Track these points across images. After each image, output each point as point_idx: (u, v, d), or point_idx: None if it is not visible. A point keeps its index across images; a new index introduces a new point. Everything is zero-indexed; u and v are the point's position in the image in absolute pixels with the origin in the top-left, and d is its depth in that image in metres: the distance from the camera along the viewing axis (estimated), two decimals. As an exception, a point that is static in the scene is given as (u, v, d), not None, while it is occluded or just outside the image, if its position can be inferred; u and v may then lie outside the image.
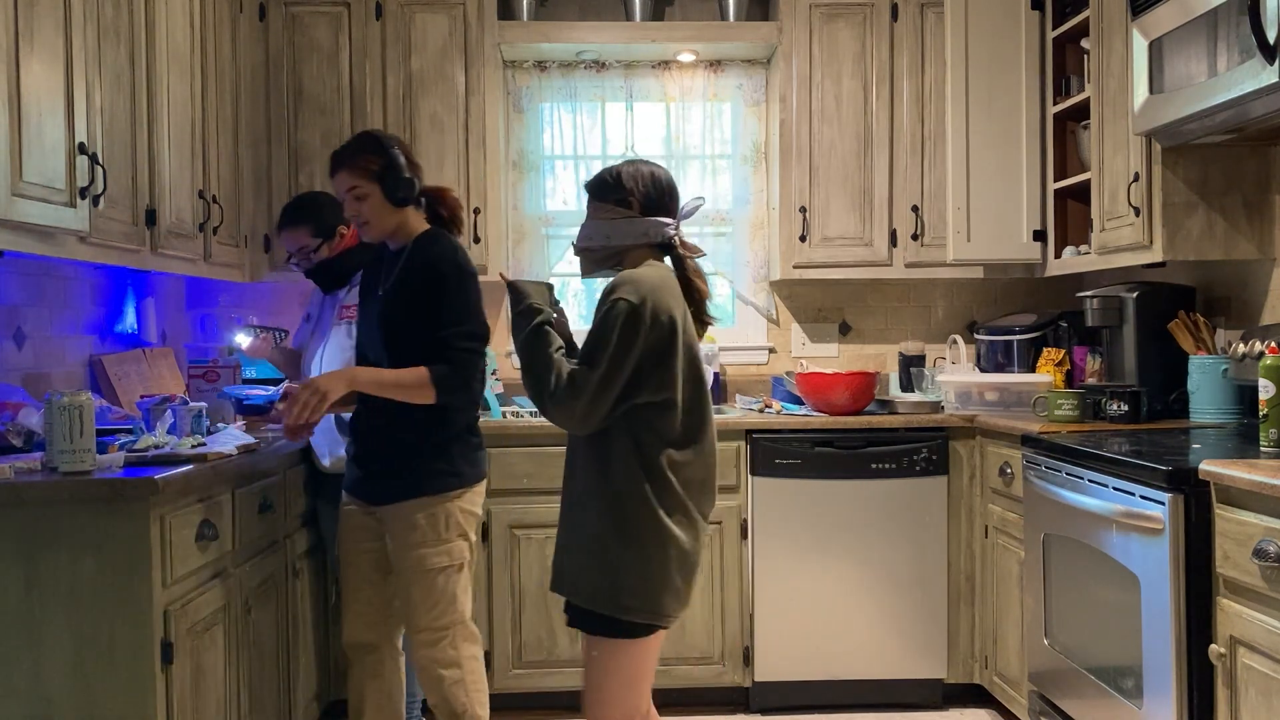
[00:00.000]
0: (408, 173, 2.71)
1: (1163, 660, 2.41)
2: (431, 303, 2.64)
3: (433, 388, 2.60)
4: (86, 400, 2.19)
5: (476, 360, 2.67)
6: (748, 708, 3.80)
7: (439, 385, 2.60)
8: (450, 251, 2.71)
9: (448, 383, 2.61)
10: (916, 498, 3.74)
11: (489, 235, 3.98)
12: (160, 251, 2.98)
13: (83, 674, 2.12)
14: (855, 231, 4.09)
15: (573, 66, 4.32)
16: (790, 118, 4.08)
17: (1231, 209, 3.21)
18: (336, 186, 2.74)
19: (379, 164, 2.68)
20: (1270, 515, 2.08)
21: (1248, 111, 2.68)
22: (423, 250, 2.71)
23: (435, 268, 2.66)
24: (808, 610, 3.73)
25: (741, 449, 3.74)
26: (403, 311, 2.67)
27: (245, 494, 2.66)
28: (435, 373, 2.60)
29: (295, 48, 3.93)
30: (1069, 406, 3.31)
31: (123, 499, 2.12)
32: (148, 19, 2.91)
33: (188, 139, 3.19)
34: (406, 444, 2.67)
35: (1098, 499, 2.68)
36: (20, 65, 2.21)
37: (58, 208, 2.36)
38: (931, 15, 4.04)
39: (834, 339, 4.46)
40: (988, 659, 3.66)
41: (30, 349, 2.98)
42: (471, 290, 2.69)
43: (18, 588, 2.11)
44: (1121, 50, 3.29)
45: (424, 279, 2.66)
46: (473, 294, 2.69)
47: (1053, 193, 3.88)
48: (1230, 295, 3.44)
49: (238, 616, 2.60)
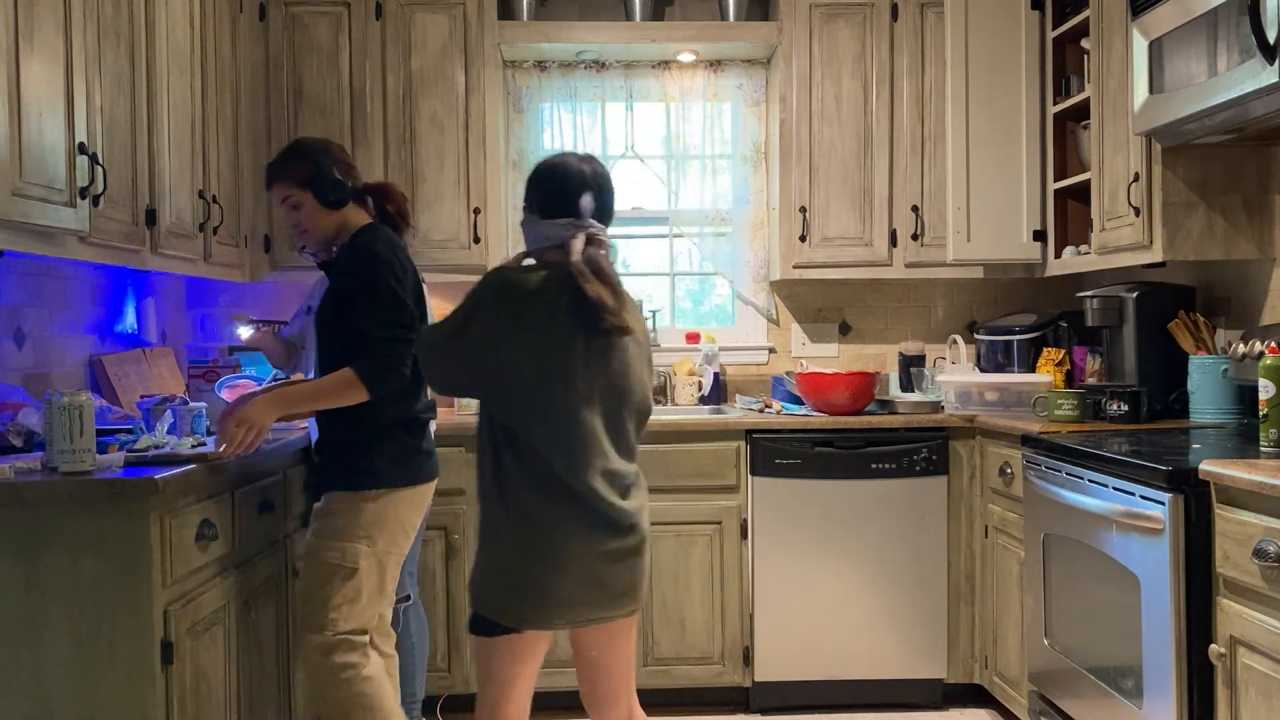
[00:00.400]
0: (338, 174, 2.69)
1: (1163, 660, 2.41)
2: (349, 295, 2.59)
3: (362, 384, 2.53)
4: (86, 400, 2.19)
5: (399, 347, 2.57)
6: (748, 708, 3.80)
7: (367, 380, 2.53)
8: (370, 241, 2.64)
9: (375, 376, 2.54)
10: (916, 498, 3.74)
11: (489, 235, 3.98)
12: (160, 251, 2.97)
13: (83, 674, 2.12)
14: (855, 231, 4.09)
15: (573, 66, 4.32)
16: (790, 118, 4.08)
17: (1231, 209, 3.20)
18: (272, 200, 2.78)
19: (308, 171, 2.68)
20: (1270, 515, 2.08)
21: (1248, 111, 2.68)
22: (348, 246, 2.68)
23: (351, 259, 2.63)
24: (808, 610, 3.73)
25: (741, 449, 3.74)
26: (331, 311, 2.64)
27: (245, 494, 2.66)
28: (359, 369, 2.53)
29: (295, 48, 3.93)
30: (1069, 406, 3.31)
31: (123, 499, 2.12)
32: (148, 19, 2.91)
33: (188, 139, 3.19)
34: (333, 439, 2.65)
35: (1098, 499, 2.68)
36: (20, 65, 2.21)
37: (58, 208, 2.36)
38: (931, 15, 4.04)
39: (834, 339, 4.46)
40: (988, 659, 3.66)
41: (30, 349, 2.98)
42: (386, 275, 2.58)
43: (18, 588, 2.11)
44: (1121, 50, 3.29)
45: (340, 272, 2.64)
46: (389, 279, 2.58)
47: (1053, 193, 3.88)
48: (1230, 295, 3.44)
49: (238, 616, 2.60)
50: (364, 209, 2.77)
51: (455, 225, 3.98)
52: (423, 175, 3.97)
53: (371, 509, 2.59)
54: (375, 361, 2.54)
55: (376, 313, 2.56)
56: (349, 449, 2.61)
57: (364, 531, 2.59)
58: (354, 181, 2.75)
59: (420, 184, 3.96)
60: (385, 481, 2.61)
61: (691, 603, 3.74)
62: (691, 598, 3.74)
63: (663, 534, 3.71)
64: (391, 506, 2.62)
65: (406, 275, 2.64)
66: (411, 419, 2.67)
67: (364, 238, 2.67)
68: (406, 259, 2.69)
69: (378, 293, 2.57)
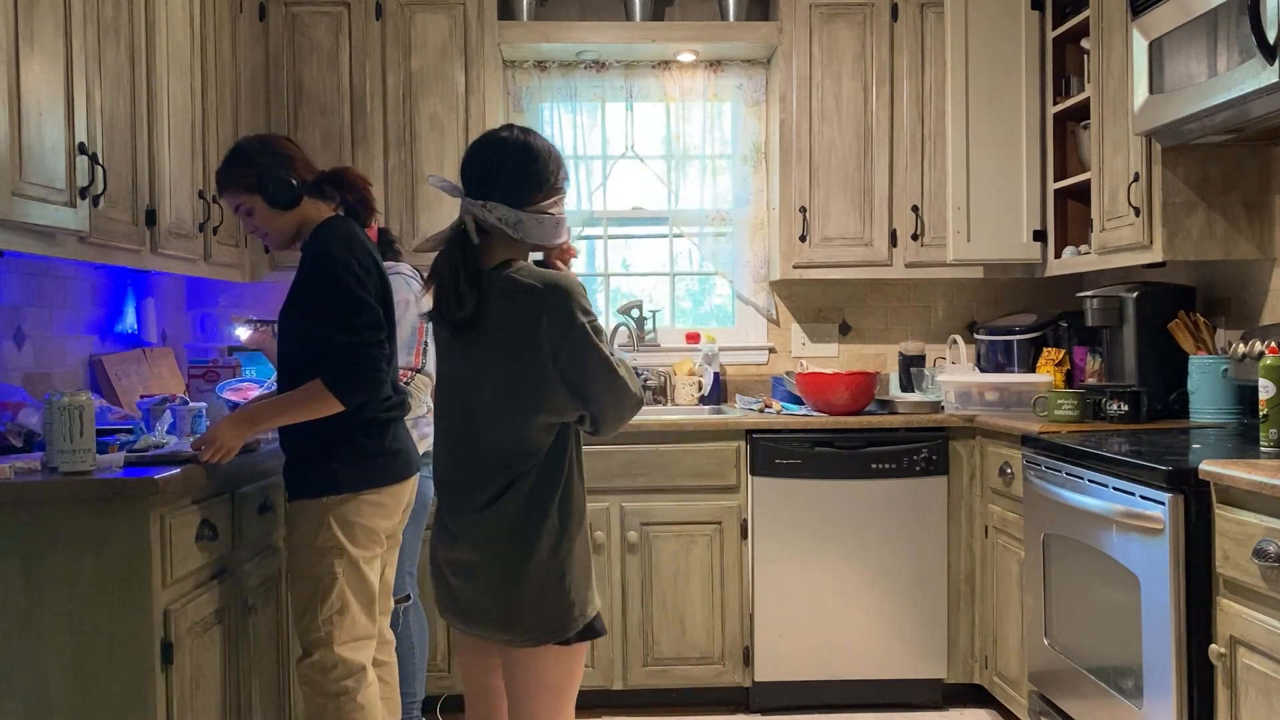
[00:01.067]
0: (284, 173, 2.55)
1: (1163, 660, 2.41)
2: (307, 299, 2.49)
3: (332, 395, 2.42)
4: (86, 400, 2.19)
5: (370, 350, 2.45)
6: (748, 708, 3.79)
7: (337, 391, 2.42)
8: (325, 241, 2.50)
9: (345, 385, 2.43)
10: (916, 498, 3.74)
11: (489, 235, 3.97)
12: (160, 251, 2.97)
13: (83, 674, 2.12)
14: (855, 231, 4.09)
15: (573, 66, 4.32)
16: (790, 118, 4.08)
17: (1231, 209, 3.20)
18: (225, 208, 2.66)
19: (251, 176, 2.56)
20: (1270, 515, 2.08)
21: (1248, 111, 2.68)
22: (304, 247, 2.54)
23: (307, 261, 2.50)
24: (808, 610, 3.73)
25: (741, 449, 3.74)
26: (290, 314, 2.54)
27: (245, 494, 2.66)
28: (327, 379, 2.42)
29: (295, 48, 3.93)
30: (1069, 406, 3.31)
31: (123, 499, 2.12)
32: (148, 19, 2.91)
33: (188, 139, 3.19)
34: (290, 444, 2.56)
35: (1098, 499, 2.67)
36: (20, 65, 2.21)
37: (58, 208, 2.36)
38: (931, 15, 4.04)
39: (834, 339, 4.46)
40: (988, 659, 3.66)
41: (30, 349, 2.98)
42: (344, 276, 2.45)
43: (18, 588, 2.11)
44: (1121, 50, 3.29)
45: (300, 278, 2.51)
46: (347, 280, 2.45)
47: (1053, 193, 3.88)
48: (1230, 295, 3.44)
49: (238, 616, 2.60)
50: (324, 200, 2.62)
51: (455, 225, 3.97)
52: (423, 175, 3.96)
53: (334, 515, 2.49)
54: (344, 370, 2.43)
55: (339, 318, 2.43)
56: (306, 455, 2.52)
57: (332, 540, 2.49)
58: (303, 175, 2.59)
59: (420, 184, 3.96)
60: (344, 487, 2.50)
61: (691, 603, 3.74)
62: (691, 598, 3.74)
63: (663, 534, 3.72)
64: (355, 511, 2.51)
65: (369, 274, 2.51)
66: (369, 420, 2.52)
67: (319, 238, 2.52)
68: (366, 253, 2.54)
69: (338, 296, 2.44)
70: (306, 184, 2.59)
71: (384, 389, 2.54)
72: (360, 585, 2.54)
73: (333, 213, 2.62)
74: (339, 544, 2.49)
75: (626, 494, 3.71)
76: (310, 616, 2.50)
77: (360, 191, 2.65)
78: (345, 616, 2.52)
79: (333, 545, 2.49)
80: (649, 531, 3.72)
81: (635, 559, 3.71)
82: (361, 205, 2.65)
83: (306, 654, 2.53)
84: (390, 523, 2.62)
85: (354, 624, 2.53)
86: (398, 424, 2.63)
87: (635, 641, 3.73)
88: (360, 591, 2.54)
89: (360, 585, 2.54)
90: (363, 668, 2.55)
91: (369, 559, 2.56)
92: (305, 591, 2.52)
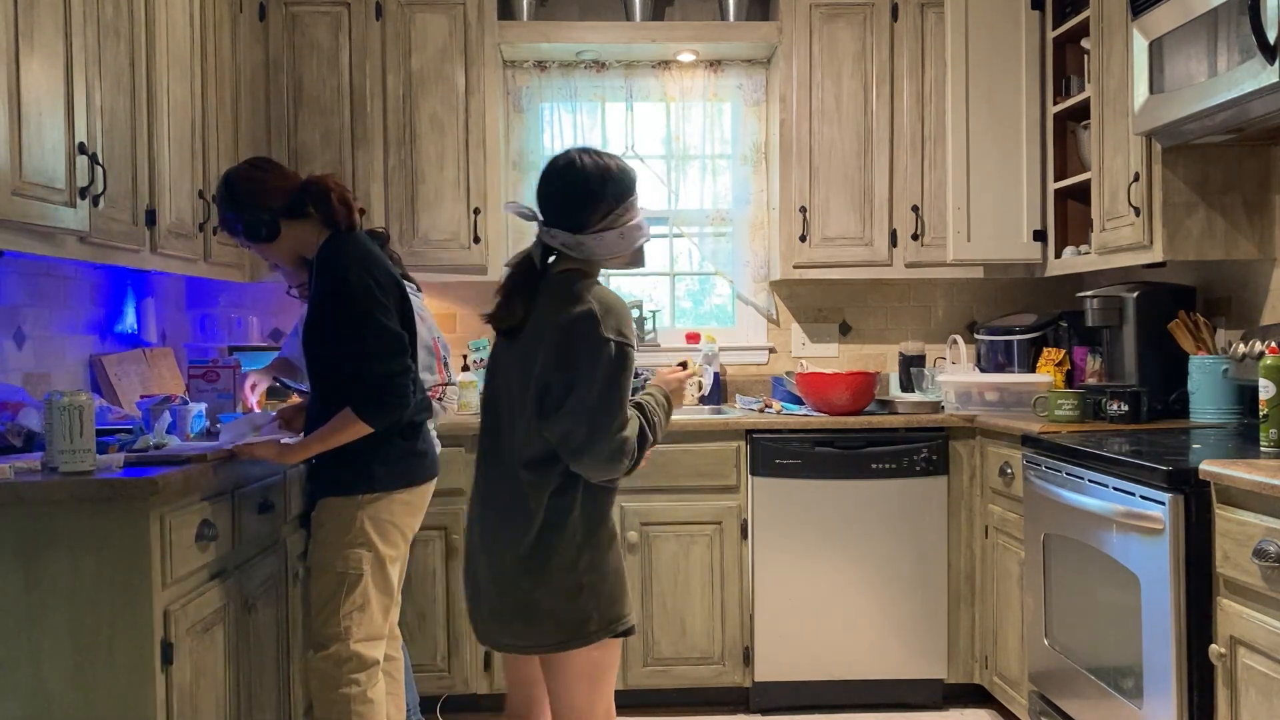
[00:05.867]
0: (257, 207, 2.57)
1: (1163, 660, 2.41)
2: (333, 327, 2.51)
3: (363, 422, 2.48)
4: (86, 400, 2.19)
5: (398, 379, 2.50)
6: (748, 708, 3.79)
7: (368, 418, 2.48)
8: (339, 263, 2.51)
9: (376, 413, 2.49)
10: (916, 498, 3.74)
11: (489, 235, 3.98)
12: (160, 251, 2.97)
13: (83, 674, 2.12)
14: (855, 231, 4.09)
15: (573, 66, 4.32)
16: (790, 117, 4.08)
17: (1231, 209, 3.21)
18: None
19: (228, 223, 2.64)
20: (1270, 515, 2.08)
21: (1248, 111, 2.68)
22: (318, 272, 2.55)
23: (324, 284, 2.52)
24: (808, 610, 3.73)
25: (741, 449, 3.74)
26: (318, 338, 2.56)
27: (245, 494, 2.66)
28: (360, 410, 2.48)
29: (295, 48, 3.93)
30: (1069, 406, 3.31)
31: (123, 499, 2.12)
32: (148, 19, 2.91)
33: (188, 139, 3.19)
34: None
35: (1098, 499, 2.67)
36: (20, 65, 2.21)
37: (58, 207, 2.36)
38: (931, 15, 4.04)
39: (834, 339, 4.46)
40: (988, 659, 3.66)
41: (30, 349, 2.98)
42: (366, 304, 2.48)
43: (18, 588, 2.11)
44: (1121, 50, 3.29)
45: (318, 298, 2.53)
46: (370, 308, 2.48)
47: (1053, 193, 3.88)
48: (1230, 295, 3.44)
49: (237, 617, 2.60)
50: (311, 219, 2.61)
51: (455, 225, 3.98)
52: (423, 175, 3.97)
53: (367, 514, 2.57)
54: (374, 400, 2.49)
55: (367, 348, 2.47)
56: (342, 455, 2.56)
57: (362, 537, 2.57)
58: (274, 202, 2.58)
59: (420, 184, 3.97)
60: (379, 486, 2.57)
61: (691, 603, 3.74)
62: (691, 598, 3.74)
63: (663, 534, 3.72)
64: (387, 510, 2.59)
65: (388, 294, 2.53)
66: (405, 424, 2.60)
67: (332, 259, 2.52)
68: (384, 271, 2.56)
69: (363, 325, 2.48)
70: (281, 210, 2.59)
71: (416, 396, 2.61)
72: (384, 583, 2.62)
73: (322, 232, 2.61)
74: (369, 540, 2.57)
75: (627, 494, 3.70)
76: (331, 610, 2.56)
77: (340, 198, 2.59)
78: (365, 613, 2.58)
79: (363, 542, 2.57)
80: (649, 531, 3.72)
81: (635, 559, 3.71)
82: (344, 208, 2.60)
83: (322, 647, 2.58)
84: (416, 521, 2.70)
85: (372, 621, 2.60)
86: (425, 426, 2.72)
87: (635, 641, 3.73)
88: (383, 589, 2.62)
89: (384, 583, 2.62)
90: (375, 664, 2.61)
91: (394, 558, 2.64)
92: (329, 586, 2.58)
